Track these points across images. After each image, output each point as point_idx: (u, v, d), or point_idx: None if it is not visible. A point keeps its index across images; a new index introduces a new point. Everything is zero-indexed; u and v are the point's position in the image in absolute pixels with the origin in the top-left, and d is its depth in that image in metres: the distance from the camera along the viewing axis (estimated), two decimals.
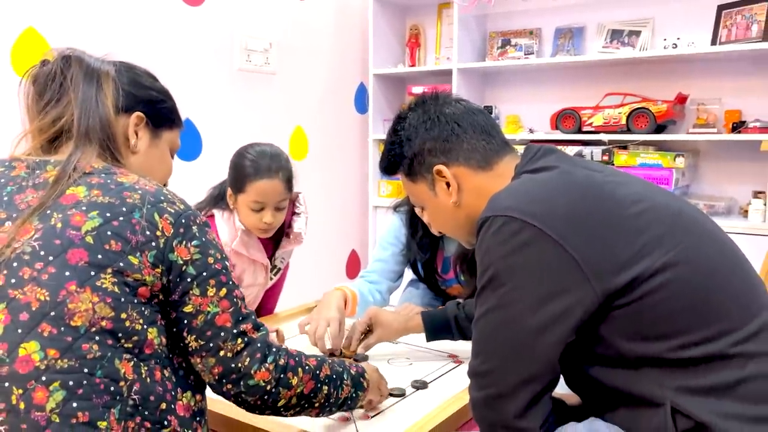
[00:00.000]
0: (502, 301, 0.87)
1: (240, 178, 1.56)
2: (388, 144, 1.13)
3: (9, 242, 0.78)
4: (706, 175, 2.77)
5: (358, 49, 3.35)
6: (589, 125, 2.77)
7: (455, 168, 1.05)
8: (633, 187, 0.94)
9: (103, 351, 0.76)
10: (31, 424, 0.72)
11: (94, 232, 0.78)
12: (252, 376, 0.86)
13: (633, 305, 0.85)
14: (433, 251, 1.77)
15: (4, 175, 0.86)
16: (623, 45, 2.83)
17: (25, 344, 0.73)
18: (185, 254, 0.83)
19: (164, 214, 0.83)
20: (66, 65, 0.91)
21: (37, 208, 0.80)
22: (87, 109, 0.89)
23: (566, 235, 0.85)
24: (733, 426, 0.81)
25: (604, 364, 0.90)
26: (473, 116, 1.07)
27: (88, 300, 0.76)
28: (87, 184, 0.83)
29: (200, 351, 0.84)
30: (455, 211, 1.07)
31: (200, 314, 0.84)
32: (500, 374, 0.88)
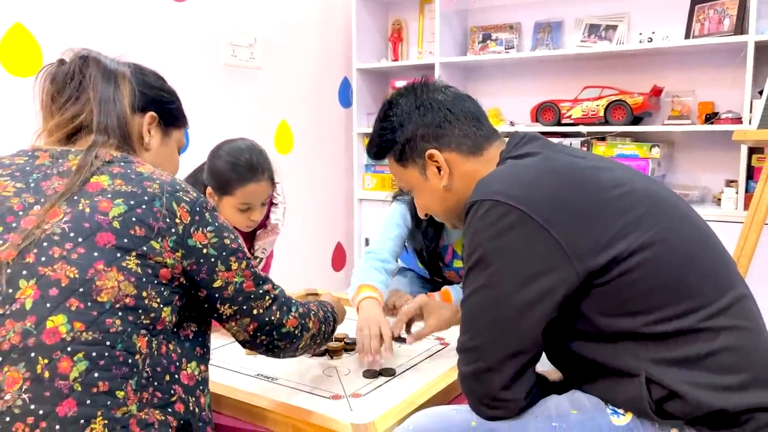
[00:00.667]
0: (489, 281, 0.92)
1: (226, 182, 1.54)
2: (378, 129, 1.16)
3: (38, 224, 0.82)
4: (681, 165, 2.84)
5: (341, 44, 3.38)
6: (568, 117, 2.82)
7: (447, 153, 1.09)
8: (613, 172, 0.99)
9: (124, 326, 0.81)
10: (55, 391, 0.76)
11: (120, 217, 0.84)
12: (284, 325, 1.00)
13: (612, 283, 0.90)
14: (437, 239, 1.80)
15: (29, 164, 0.91)
16: (600, 39, 2.89)
17: (53, 317, 0.78)
18: (203, 239, 0.90)
19: (181, 203, 0.89)
20: (84, 65, 0.95)
21: (65, 193, 0.85)
22: (106, 107, 0.94)
23: (550, 218, 0.90)
24: (703, 394, 0.86)
25: (585, 338, 0.95)
26: (463, 103, 1.11)
27: (114, 278, 0.81)
28: (110, 174, 0.88)
29: (235, 315, 0.95)
30: (445, 195, 1.11)
31: (230, 285, 0.93)
32: (487, 349, 0.93)
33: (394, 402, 1.11)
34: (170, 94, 1.07)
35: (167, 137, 1.07)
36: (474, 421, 0.96)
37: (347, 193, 3.48)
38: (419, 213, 1.21)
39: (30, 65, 2.06)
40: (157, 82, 1.06)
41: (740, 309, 0.93)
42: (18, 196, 0.86)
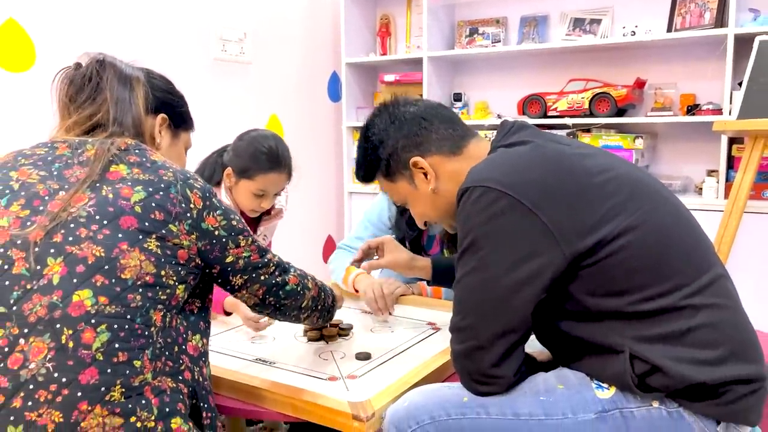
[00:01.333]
0: (481, 263, 0.96)
1: (250, 167, 1.62)
2: (361, 152, 1.22)
3: (65, 207, 0.88)
4: (664, 155, 2.90)
5: (330, 38, 3.40)
6: (554, 110, 2.86)
7: (430, 158, 1.14)
8: (598, 159, 1.03)
9: (143, 302, 0.88)
10: (77, 360, 0.81)
11: (141, 203, 0.91)
12: (287, 283, 1.11)
13: (598, 265, 0.94)
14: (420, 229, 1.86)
15: (50, 154, 0.96)
16: (585, 33, 2.94)
17: (79, 292, 0.84)
18: (214, 222, 0.98)
19: (194, 190, 0.97)
20: (101, 68, 1.02)
21: (87, 179, 0.91)
22: (122, 108, 1.01)
23: (539, 203, 0.94)
24: (684, 368, 0.91)
25: (572, 318, 0.99)
26: (435, 109, 1.17)
27: (137, 258, 0.88)
28: (127, 163, 0.95)
29: (246, 284, 1.06)
30: (435, 198, 1.16)
31: (240, 259, 1.03)
32: (478, 328, 0.97)
33: (389, 382, 1.14)
34: (179, 98, 1.16)
35: (176, 138, 1.15)
36: (466, 397, 1.00)
37: (337, 186, 3.51)
38: (418, 223, 1.26)
39: (23, 61, 2.06)
40: (167, 86, 1.14)
41: (718, 288, 0.98)
42: (43, 182, 0.91)
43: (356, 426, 1.01)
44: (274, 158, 1.63)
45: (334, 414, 1.04)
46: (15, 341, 0.81)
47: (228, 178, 1.67)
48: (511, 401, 0.99)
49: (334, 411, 1.04)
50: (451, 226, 1.24)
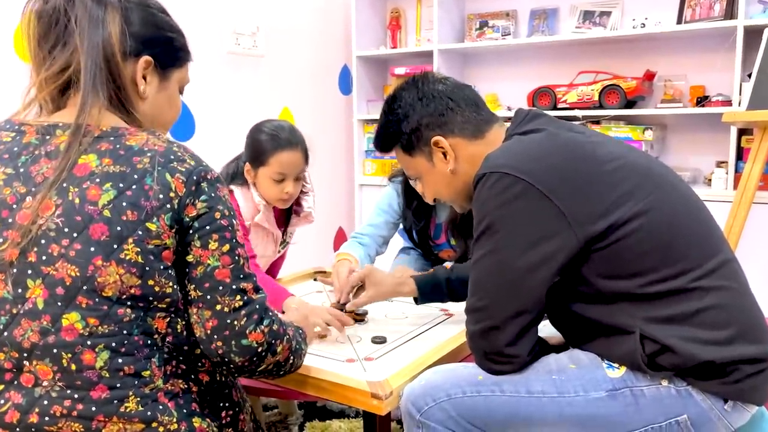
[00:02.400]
0: (497, 245, 0.99)
1: (262, 152, 1.63)
2: (383, 122, 1.22)
3: (33, 219, 0.79)
4: (673, 146, 2.91)
5: (341, 32, 3.41)
6: (564, 102, 2.87)
7: (451, 139, 1.16)
8: (610, 147, 1.06)
9: (136, 313, 0.82)
10: (85, 380, 0.80)
11: (110, 205, 0.79)
12: (246, 336, 0.87)
13: (609, 248, 0.97)
14: (427, 219, 1.89)
15: (17, 143, 0.85)
16: (595, 25, 2.94)
17: (67, 315, 0.79)
18: (192, 211, 0.83)
19: (175, 174, 0.82)
20: (70, 3, 0.85)
21: (54, 183, 0.80)
22: (95, 58, 0.84)
23: (553, 188, 0.97)
24: (693, 347, 0.94)
25: (584, 300, 1.02)
26: (463, 91, 1.18)
27: (115, 273, 0.79)
28: (97, 152, 0.82)
29: (198, 301, 0.85)
30: (452, 179, 1.18)
31: (200, 265, 0.84)
32: (494, 309, 1.00)
33: (405, 363, 1.18)
34: (170, 30, 0.95)
35: (166, 81, 0.95)
36: (480, 375, 1.04)
37: (348, 178, 3.53)
38: (427, 199, 1.28)
39: None
40: (155, 16, 0.93)
41: (726, 271, 1.01)
42: (9, 185, 0.82)
43: (375, 404, 1.05)
44: (284, 137, 1.63)
45: (354, 393, 1.08)
46: (20, 363, 0.80)
47: (248, 174, 1.68)
48: (524, 379, 1.02)
49: (354, 390, 1.08)
50: (462, 206, 1.26)
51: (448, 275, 1.42)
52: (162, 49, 0.93)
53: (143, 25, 0.90)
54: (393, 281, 1.45)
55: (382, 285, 1.44)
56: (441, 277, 1.42)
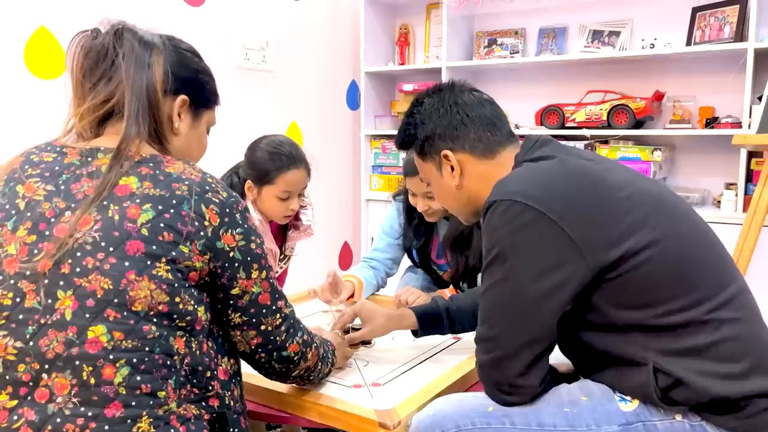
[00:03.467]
0: (507, 274, 0.98)
1: (267, 171, 1.63)
2: (404, 123, 1.23)
3: (71, 232, 0.83)
4: (682, 168, 2.89)
5: (350, 47, 3.42)
6: (572, 121, 2.86)
7: (460, 154, 1.15)
8: (620, 174, 1.05)
9: (160, 331, 0.84)
10: (101, 395, 0.80)
11: (148, 224, 0.84)
12: (286, 348, 1.00)
13: (621, 278, 0.96)
14: (428, 237, 1.88)
15: (58, 163, 0.90)
16: (604, 45, 2.94)
17: (93, 327, 0.80)
18: (231, 242, 0.90)
19: (210, 205, 0.89)
20: (118, 41, 0.92)
21: (94, 199, 0.84)
22: (139, 93, 0.91)
23: (563, 216, 0.95)
24: (707, 382, 0.92)
25: (595, 329, 1.01)
26: (482, 108, 1.17)
27: (146, 288, 0.82)
28: (138, 175, 0.88)
29: (243, 325, 0.95)
30: (457, 193, 1.18)
31: (246, 294, 0.93)
32: (505, 338, 0.98)
33: (413, 390, 1.16)
34: (204, 74, 1.03)
35: (197, 120, 1.03)
36: (491, 407, 1.02)
37: (354, 193, 3.53)
38: (436, 203, 1.28)
39: (54, 68, 2.12)
40: (193, 60, 1.02)
41: (740, 302, 0.99)
42: (49, 200, 0.86)
43: None
44: (290, 156, 1.64)
45: (360, 421, 1.06)
46: (38, 376, 0.80)
47: (250, 191, 1.67)
48: (535, 411, 1.00)
49: (361, 418, 1.06)
50: (466, 219, 1.25)
51: (448, 305, 1.37)
52: (197, 90, 1.01)
53: (183, 67, 0.99)
54: (388, 315, 1.37)
55: (376, 320, 1.36)
56: (441, 308, 1.37)
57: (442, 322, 1.36)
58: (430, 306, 1.39)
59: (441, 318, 1.36)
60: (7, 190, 0.89)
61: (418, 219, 1.82)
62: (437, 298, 1.42)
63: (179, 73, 0.97)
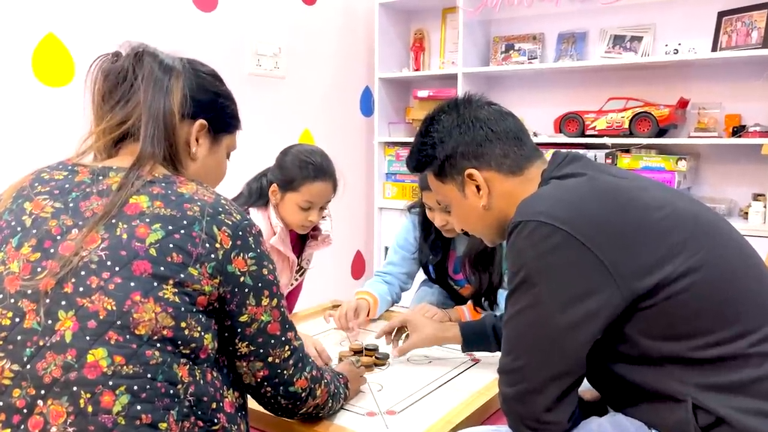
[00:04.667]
0: (534, 300, 0.91)
1: (294, 179, 1.62)
2: (418, 144, 1.15)
3: (76, 251, 0.80)
4: (707, 177, 2.81)
5: (363, 53, 3.38)
6: (593, 129, 2.79)
7: (486, 172, 1.08)
8: (655, 192, 0.98)
9: (164, 357, 0.79)
10: (99, 425, 0.75)
11: (157, 244, 0.81)
12: (293, 384, 0.95)
13: (657, 307, 0.89)
14: (445, 252, 1.82)
15: (69, 180, 0.88)
16: (625, 50, 2.87)
17: (93, 351, 0.76)
18: (242, 266, 0.87)
19: (222, 227, 0.85)
20: (138, 64, 0.92)
21: (103, 217, 0.82)
22: (155, 116, 0.90)
23: (594, 239, 0.89)
24: (751, 421, 0.85)
25: (628, 361, 0.94)
26: (506, 121, 1.10)
27: (152, 310, 0.79)
28: (149, 194, 0.85)
29: (249, 356, 0.90)
30: (484, 214, 1.11)
31: (254, 322, 0.89)
32: (531, 371, 0.92)
33: (431, 421, 1.10)
34: (225, 98, 1.02)
35: (216, 145, 1.01)
36: None
37: (368, 201, 3.48)
38: (456, 228, 1.21)
39: (62, 75, 2.08)
40: (213, 84, 1.00)
41: None
42: (56, 217, 0.84)
43: None
44: (319, 167, 1.62)
45: None
46: (33, 402, 0.76)
47: (273, 195, 1.66)
48: None
49: None
50: (492, 241, 1.19)
51: (495, 323, 1.37)
52: (216, 114, 0.99)
53: (202, 91, 0.97)
54: (436, 327, 1.42)
55: (424, 330, 1.41)
56: (488, 326, 1.37)
57: (488, 339, 1.37)
58: (478, 323, 1.40)
59: (487, 335, 1.36)
60: (14, 207, 0.86)
61: (435, 234, 1.75)
62: (486, 315, 1.41)
63: (198, 97, 0.96)
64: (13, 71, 1.97)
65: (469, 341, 1.38)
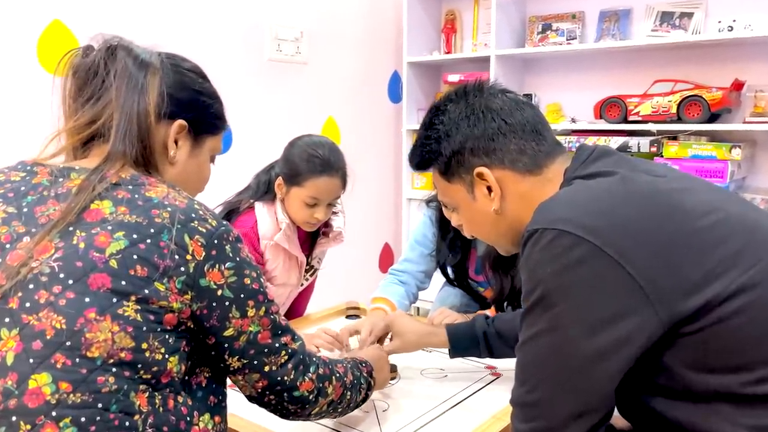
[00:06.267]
0: (553, 323, 0.79)
1: (299, 173, 1.52)
2: (422, 138, 1.02)
3: (26, 260, 0.73)
4: (764, 166, 2.64)
5: (391, 36, 3.29)
6: (636, 114, 2.66)
7: (499, 171, 0.95)
8: (703, 195, 0.85)
9: (119, 384, 0.71)
10: None
11: (118, 255, 0.73)
12: (297, 388, 0.88)
13: (703, 333, 0.76)
14: (465, 252, 1.68)
15: (25, 182, 0.81)
16: (674, 28, 2.71)
17: (37, 375, 0.69)
18: (218, 278, 0.79)
19: (195, 235, 0.78)
20: (111, 58, 0.85)
21: (58, 223, 0.75)
22: (128, 115, 0.83)
23: (626, 252, 0.76)
24: None
25: (667, 395, 0.81)
26: (522, 112, 0.96)
27: (108, 329, 0.71)
28: (113, 199, 0.78)
29: (243, 369, 0.84)
30: (496, 219, 0.97)
31: (242, 335, 0.82)
32: (549, 406, 0.80)
33: None
34: (208, 96, 0.94)
35: (198, 147, 0.94)
36: None
37: (396, 191, 3.40)
38: (466, 233, 1.07)
39: None
40: (194, 81, 0.93)
41: None
42: (7, 224, 0.77)
43: None
44: (326, 161, 1.52)
45: None
46: None
47: (279, 189, 1.58)
48: None
49: None
50: (506, 250, 1.06)
51: (486, 329, 1.26)
52: (198, 114, 0.92)
53: (181, 88, 0.90)
54: (421, 331, 1.32)
55: (408, 335, 1.31)
56: (478, 331, 1.27)
57: (478, 345, 1.27)
58: (468, 326, 1.29)
59: (477, 341, 1.27)
60: None
61: (453, 232, 1.61)
62: (477, 318, 1.29)
63: (177, 96, 0.89)
64: (17, 58, 1.94)
65: (457, 346, 1.28)
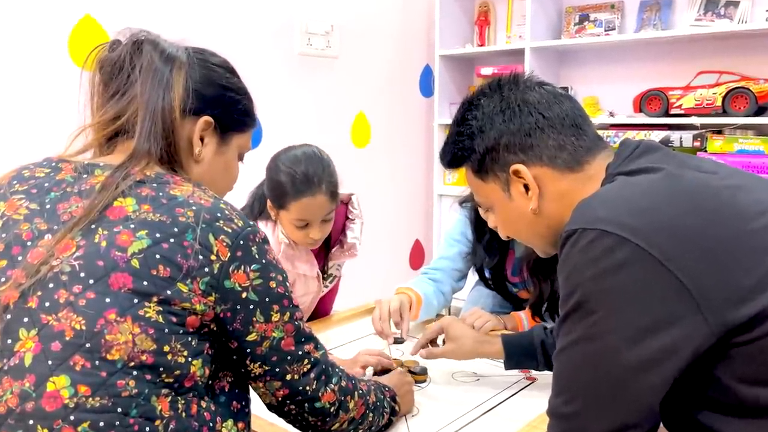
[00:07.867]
0: (592, 331, 0.74)
1: (280, 195, 1.42)
2: (453, 134, 0.98)
3: (46, 258, 0.71)
4: None
5: (423, 29, 3.24)
6: (678, 107, 2.57)
7: (537, 168, 0.89)
8: (758, 193, 0.79)
9: (140, 388, 0.70)
10: None
11: (140, 254, 0.72)
12: (319, 399, 0.86)
13: (758, 343, 0.71)
14: (502, 254, 1.62)
15: (49, 179, 0.80)
16: (719, 17, 2.61)
17: (55, 378, 0.68)
18: (244, 280, 0.77)
19: (220, 235, 0.76)
20: (137, 53, 0.83)
21: (80, 221, 0.73)
22: (153, 111, 0.81)
23: (673, 254, 0.71)
24: None
25: (719, 410, 0.76)
26: (560, 105, 0.91)
27: (128, 331, 0.70)
28: (137, 196, 0.76)
29: (264, 376, 0.82)
30: (533, 219, 0.92)
31: (265, 341, 0.80)
32: (587, 419, 0.75)
33: None
34: (236, 92, 0.91)
35: (225, 145, 0.91)
36: None
37: (427, 187, 3.36)
38: (501, 235, 1.02)
39: None
40: (222, 77, 0.90)
41: None
42: (29, 221, 0.76)
43: None
44: (306, 179, 1.39)
45: None
46: None
47: (271, 211, 1.49)
48: None
49: None
50: (544, 252, 1.00)
51: (544, 338, 1.21)
52: (224, 110, 0.90)
53: (208, 84, 0.88)
54: (477, 338, 1.29)
55: (463, 339, 1.27)
56: (536, 341, 1.23)
57: (535, 356, 1.23)
58: (525, 336, 1.26)
59: (534, 352, 1.23)
60: None
61: (489, 234, 1.56)
62: (535, 328, 1.25)
63: (204, 91, 0.86)
64: (49, 54, 1.95)
65: (513, 358, 1.23)
